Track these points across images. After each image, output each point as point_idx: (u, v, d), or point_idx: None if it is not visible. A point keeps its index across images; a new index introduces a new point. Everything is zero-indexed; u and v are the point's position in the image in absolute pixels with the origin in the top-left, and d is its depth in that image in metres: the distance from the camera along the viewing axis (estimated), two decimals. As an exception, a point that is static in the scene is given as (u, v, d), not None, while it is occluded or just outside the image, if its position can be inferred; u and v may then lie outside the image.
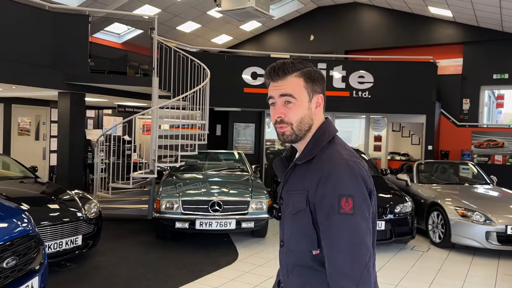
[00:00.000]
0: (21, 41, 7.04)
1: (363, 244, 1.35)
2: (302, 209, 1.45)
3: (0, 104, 9.87)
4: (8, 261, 2.87)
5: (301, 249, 1.47)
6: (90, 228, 5.30)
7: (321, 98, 1.54)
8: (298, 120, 1.50)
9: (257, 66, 10.82)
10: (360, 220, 1.35)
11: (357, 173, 1.40)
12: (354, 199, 1.35)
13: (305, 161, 1.51)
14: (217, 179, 7.10)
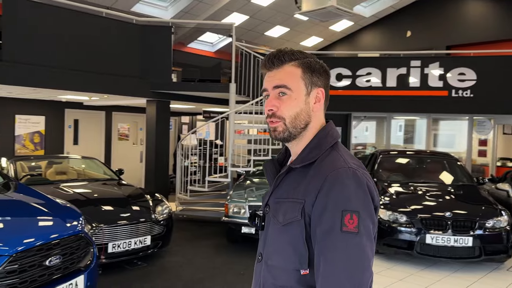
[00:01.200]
0: (112, 54, 7.70)
1: (367, 269, 1.18)
2: (295, 221, 1.24)
3: (102, 112, 10.96)
4: (51, 259, 3.08)
5: (286, 267, 1.27)
6: (160, 229, 5.52)
7: (321, 92, 1.34)
8: (293, 115, 1.31)
9: (342, 67, 10.39)
10: (365, 240, 1.17)
11: (365, 185, 1.21)
12: (360, 215, 1.16)
13: (303, 166, 1.30)
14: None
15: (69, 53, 7.18)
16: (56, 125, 10.31)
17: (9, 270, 2.79)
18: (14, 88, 7.25)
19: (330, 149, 1.32)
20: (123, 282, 4.80)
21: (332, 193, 1.19)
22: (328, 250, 1.17)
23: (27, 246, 2.94)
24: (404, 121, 11.34)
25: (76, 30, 7.29)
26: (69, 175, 6.78)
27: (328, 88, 1.39)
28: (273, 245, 1.31)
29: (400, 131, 11.39)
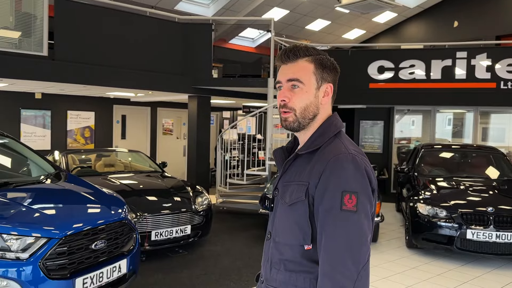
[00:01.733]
0: (155, 52, 8.04)
1: (365, 244, 1.29)
2: (300, 201, 1.37)
3: (148, 108, 11.42)
4: (97, 243, 3.34)
5: (291, 243, 1.40)
6: (199, 220, 5.76)
7: (330, 87, 1.46)
8: (303, 107, 1.42)
9: (384, 60, 10.20)
10: (363, 218, 1.29)
11: (363, 169, 1.33)
12: (358, 196, 1.28)
13: (308, 152, 1.42)
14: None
15: (116, 52, 7.57)
16: (105, 120, 10.87)
17: (59, 251, 3.06)
18: (66, 86, 7.75)
19: (334, 137, 1.43)
20: (165, 268, 5.06)
21: (333, 175, 1.31)
22: (329, 227, 1.29)
23: (76, 231, 3.21)
24: (450, 115, 10.97)
25: (121, 30, 7.66)
26: (116, 167, 7.17)
27: (336, 84, 1.49)
28: (280, 224, 1.44)
29: (447, 125, 11.03)
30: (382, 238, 6.61)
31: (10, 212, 3.17)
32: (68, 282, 3.05)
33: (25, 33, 6.87)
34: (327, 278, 1.27)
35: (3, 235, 2.88)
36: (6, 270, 2.82)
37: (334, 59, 1.49)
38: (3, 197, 3.37)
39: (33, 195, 3.70)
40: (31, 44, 6.86)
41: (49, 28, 6.85)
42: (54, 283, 2.97)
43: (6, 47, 6.64)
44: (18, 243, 2.92)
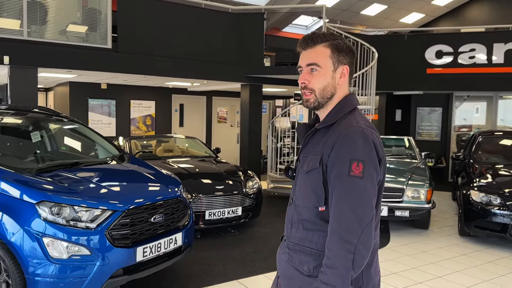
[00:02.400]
0: (209, 42, 8.37)
1: (369, 205, 1.46)
2: (315, 168, 1.56)
3: (204, 97, 11.88)
4: (155, 217, 3.69)
5: (308, 205, 1.60)
6: (250, 202, 6.03)
7: (346, 69, 1.61)
8: (321, 87, 1.60)
9: (443, 44, 9.88)
10: (368, 183, 1.46)
11: (370, 141, 1.49)
12: (365, 164, 1.45)
13: (325, 126, 1.60)
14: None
15: (173, 44, 7.99)
16: (164, 109, 11.47)
17: (123, 223, 3.44)
18: (128, 76, 8.31)
19: (348, 113, 1.60)
20: (217, 245, 5.40)
21: (344, 146, 1.49)
22: (338, 190, 1.48)
23: (137, 205, 3.58)
24: (509, 101, 10.39)
25: (178, 22, 8.06)
26: (174, 152, 7.63)
27: (352, 66, 1.65)
28: (299, 189, 1.66)
29: (509, 111, 10.46)
30: (434, 225, 6.53)
31: (81, 188, 3.59)
32: (130, 250, 3.43)
33: (91, 27, 7.47)
34: (335, 234, 1.46)
35: (75, 207, 3.29)
36: (78, 238, 3.23)
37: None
38: (75, 175, 3.81)
39: (100, 173, 4.13)
40: (96, 37, 7.45)
41: (112, 22, 7.39)
42: (118, 251, 3.35)
43: (74, 41, 7.27)
44: (88, 215, 3.32)
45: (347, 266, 1.42)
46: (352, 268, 1.43)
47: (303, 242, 1.61)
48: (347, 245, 1.42)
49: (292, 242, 1.66)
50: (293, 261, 1.64)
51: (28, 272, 3.10)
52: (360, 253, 1.43)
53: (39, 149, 4.62)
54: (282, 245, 1.77)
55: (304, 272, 1.59)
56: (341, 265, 1.42)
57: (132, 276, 3.48)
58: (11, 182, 3.36)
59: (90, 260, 3.23)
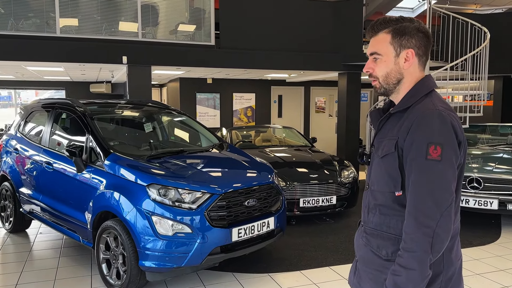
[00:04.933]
0: (307, 32, 8.44)
1: (447, 189, 1.43)
2: (390, 153, 1.56)
3: (301, 87, 11.99)
4: (249, 201, 3.94)
5: (384, 190, 1.60)
6: (345, 191, 6.03)
7: (411, 52, 1.57)
8: (384, 74, 1.61)
9: None
10: (447, 167, 1.43)
11: (449, 123, 1.45)
12: (443, 147, 1.42)
13: (400, 111, 1.59)
14: (485, 155, 6.41)
15: (271, 36, 8.23)
16: (264, 100, 11.85)
17: (220, 205, 3.74)
18: (230, 71, 8.78)
19: (424, 96, 1.56)
20: (312, 232, 5.52)
21: (420, 129, 1.46)
22: (415, 174, 1.45)
23: (233, 189, 3.87)
24: None
25: (276, 15, 8.27)
26: (272, 141, 7.91)
27: (422, 47, 1.58)
28: (375, 174, 1.66)
29: None
30: (555, 223, 5.85)
31: (184, 173, 3.98)
32: (226, 231, 3.72)
33: (197, 26, 8.04)
34: (412, 217, 1.45)
35: (179, 189, 3.68)
36: (182, 217, 3.61)
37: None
38: (180, 161, 4.23)
39: (202, 160, 4.52)
40: (201, 35, 8.00)
41: (215, 19, 7.86)
42: (216, 230, 3.67)
43: (182, 40, 7.90)
44: (190, 197, 3.68)
45: (425, 250, 1.41)
46: (431, 252, 1.41)
47: (380, 227, 1.62)
48: (425, 229, 1.41)
49: (370, 227, 1.68)
50: (371, 245, 1.66)
51: (140, 246, 3.56)
52: (439, 237, 1.41)
53: (152, 139, 5.19)
54: (359, 230, 1.80)
55: (383, 256, 1.60)
56: (419, 249, 1.42)
57: (228, 255, 3.78)
58: (127, 167, 3.87)
59: (192, 238, 3.58)
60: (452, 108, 1.55)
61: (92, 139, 4.22)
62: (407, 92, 1.60)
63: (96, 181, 4.01)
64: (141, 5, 7.35)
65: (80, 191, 4.17)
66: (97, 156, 4.11)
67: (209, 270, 4.20)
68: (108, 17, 7.36)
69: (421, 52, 1.58)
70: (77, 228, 4.26)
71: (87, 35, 7.08)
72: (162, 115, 5.60)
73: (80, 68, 8.41)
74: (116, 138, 4.74)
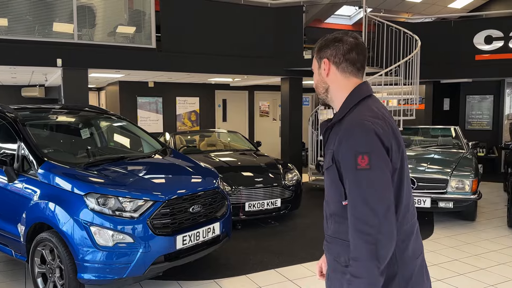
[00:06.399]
0: (249, 37, 8.50)
1: (382, 195, 1.45)
2: (330, 166, 1.60)
3: (246, 91, 12.06)
4: (194, 207, 3.88)
5: (334, 199, 1.63)
6: (289, 194, 6.12)
7: (326, 61, 1.64)
8: (315, 86, 1.74)
9: (492, 29, 9.42)
10: (378, 173, 1.45)
11: (372, 131, 1.48)
12: (370, 155, 1.45)
13: (337, 122, 1.63)
14: (418, 156, 6.80)
15: (214, 41, 8.19)
16: (208, 104, 11.77)
17: (163, 212, 3.65)
18: (172, 74, 8.62)
19: (354, 106, 1.59)
20: (257, 235, 5.55)
21: (346, 141, 1.51)
22: (349, 185, 1.50)
23: (177, 195, 3.78)
24: None
25: (218, 19, 8.25)
26: (217, 146, 7.87)
27: (338, 55, 1.61)
28: (326, 184, 1.71)
29: None
30: (482, 217, 6.32)
31: (125, 180, 3.84)
32: (170, 239, 3.64)
33: (137, 28, 7.83)
34: (352, 226, 1.49)
35: (119, 198, 3.54)
36: (122, 227, 3.47)
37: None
38: (120, 168, 4.08)
39: (143, 167, 4.39)
40: (142, 37, 7.79)
41: (156, 22, 7.69)
42: (160, 239, 3.57)
43: (121, 42, 7.66)
44: (131, 205, 3.55)
45: (368, 258, 1.43)
46: (376, 258, 1.42)
47: (337, 235, 1.64)
48: (366, 237, 1.43)
49: (328, 234, 1.71)
50: (332, 253, 1.68)
51: (78, 258, 3.38)
52: (381, 243, 1.43)
53: (89, 145, 4.96)
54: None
55: (342, 263, 1.62)
56: (363, 257, 1.43)
57: (172, 263, 3.69)
58: (62, 176, 3.66)
59: (134, 248, 3.46)
60: (381, 115, 1.56)
61: (24, 146, 3.96)
62: (342, 103, 1.64)
63: (29, 191, 3.76)
64: (77, 6, 7.03)
65: (12, 202, 3.89)
66: (30, 164, 3.86)
67: (153, 280, 4.08)
68: (41, 17, 6.96)
69: (337, 59, 1.62)
70: (9, 242, 3.97)
71: (18, 36, 6.65)
72: (100, 120, 5.38)
73: (10, 71, 7.88)
74: (50, 145, 4.48)
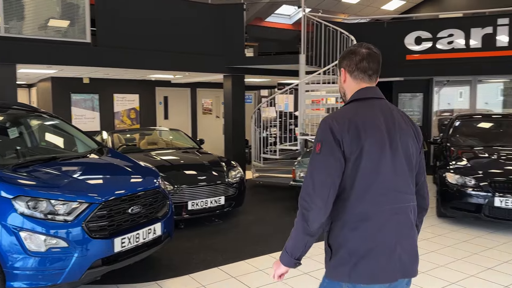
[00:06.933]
0: (191, 34, 8.38)
1: (323, 175, 1.79)
2: None
3: (188, 89, 11.90)
4: (133, 208, 3.76)
5: None
6: (233, 191, 6.12)
7: (342, 71, 1.99)
8: (338, 90, 2.09)
9: (421, 30, 9.98)
10: (325, 158, 1.80)
11: (327, 126, 1.83)
12: (322, 143, 1.82)
13: None
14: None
15: (153, 36, 7.98)
16: (148, 102, 11.46)
17: (100, 215, 3.50)
18: (109, 70, 8.30)
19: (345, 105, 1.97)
20: (201, 235, 5.49)
21: (316, 131, 1.90)
22: (308, 163, 1.88)
23: (114, 196, 3.64)
24: (494, 84, 10.57)
25: (158, 14, 8.05)
26: (158, 144, 7.67)
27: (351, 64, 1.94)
28: None
29: (492, 94, 10.64)
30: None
31: (57, 182, 3.63)
32: (108, 241, 3.49)
33: (70, 21, 7.43)
34: (300, 194, 1.84)
35: (51, 200, 3.34)
36: (55, 231, 3.28)
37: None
38: (52, 169, 3.85)
39: (78, 167, 4.18)
40: (76, 31, 7.41)
41: (92, 15, 7.35)
42: (96, 242, 3.42)
43: (54, 36, 7.24)
44: (65, 208, 3.37)
45: (301, 218, 1.80)
46: (305, 221, 1.78)
47: None
48: (303, 202, 1.80)
49: None
50: None
51: (7, 266, 3.15)
52: (311, 211, 1.77)
53: (18, 145, 4.64)
54: None
55: None
56: (299, 216, 1.82)
57: (111, 267, 3.55)
58: (-14, 178, 3.39)
59: (68, 252, 3.29)
60: (342, 114, 1.86)
61: None
62: None
63: None
64: (3, -4, 6.54)
65: None
66: None
67: (90, 285, 3.90)
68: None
69: (351, 68, 1.95)
70: None
71: None
72: (30, 119, 5.04)
73: None
74: (-27, 146, 4.14)
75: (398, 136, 1.85)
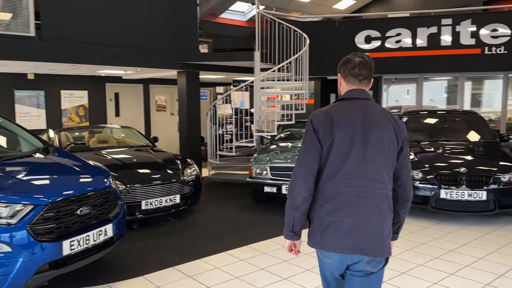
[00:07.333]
0: (143, 28, 8.15)
1: (303, 158, 2.14)
2: None
3: (140, 85, 11.59)
4: (82, 209, 3.61)
5: None
6: (188, 189, 6.02)
7: (339, 76, 2.29)
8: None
9: (371, 29, 10.28)
10: (305, 144, 2.16)
11: (310, 118, 2.19)
12: (306, 132, 2.18)
13: None
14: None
15: (102, 30, 7.69)
16: (98, 98, 11.05)
17: (46, 217, 3.31)
18: (55, 65, 7.90)
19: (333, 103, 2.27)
20: (155, 235, 5.37)
21: None
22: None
23: (61, 198, 3.47)
24: (445, 82, 11.09)
25: (107, 7, 7.76)
26: (109, 143, 7.41)
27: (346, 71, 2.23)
28: None
29: (437, 92, 11.17)
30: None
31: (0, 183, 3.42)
32: (55, 244, 3.32)
33: (13, 14, 7.00)
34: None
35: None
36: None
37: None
38: (-6, 170, 3.61)
39: (22, 167, 3.94)
40: (18, 25, 6.99)
41: (36, 8, 6.96)
42: (42, 245, 3.24)
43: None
44: (7, 210, 3.17)
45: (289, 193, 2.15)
46: (291, 196, 2.13)
47: None
48: (291, 180, 2.16)
49: None
50: None
51: None
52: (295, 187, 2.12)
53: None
54: None
55: None
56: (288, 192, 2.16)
57: (59, 271, 3.38)
58: None
59: (13, 257, 3.10)
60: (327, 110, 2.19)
61: None
62: None
63: None
64: None
65: None
66: None
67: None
68: None
69: (345, 74, 2.24)
70: None
71: None
72: (-32, 116, 4.70)
73: None
74: None
75: (373, 132, 2.08)
